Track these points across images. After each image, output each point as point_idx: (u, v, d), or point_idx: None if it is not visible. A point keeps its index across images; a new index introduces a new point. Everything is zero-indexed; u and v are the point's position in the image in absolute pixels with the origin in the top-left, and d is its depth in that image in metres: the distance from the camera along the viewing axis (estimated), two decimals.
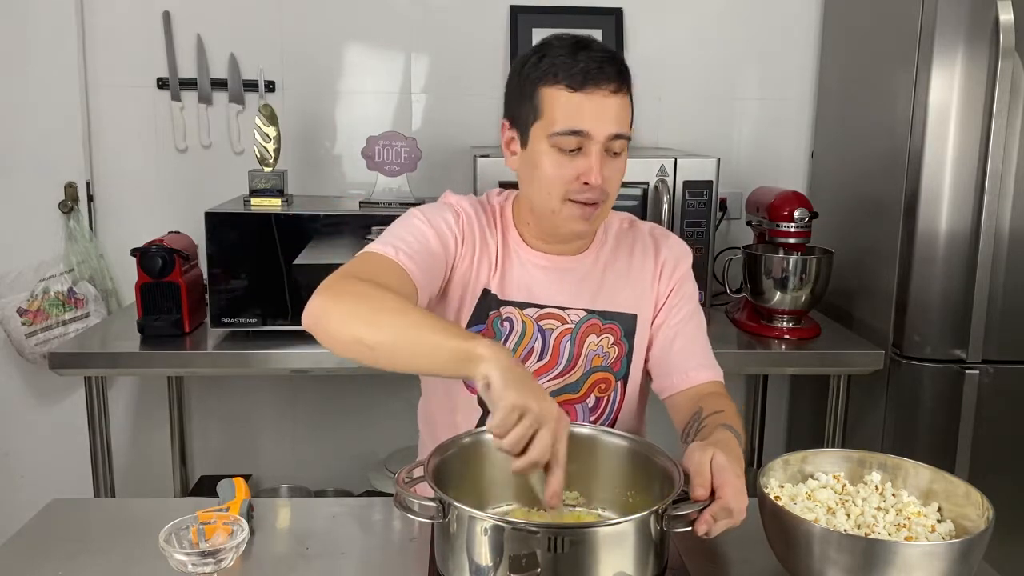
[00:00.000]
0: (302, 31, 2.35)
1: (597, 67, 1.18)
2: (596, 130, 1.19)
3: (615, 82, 1.20)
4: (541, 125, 1.22)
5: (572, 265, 1.34)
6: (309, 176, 2.40)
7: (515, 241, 1.34)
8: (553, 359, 1.32)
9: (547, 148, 1.21)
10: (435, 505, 0.98)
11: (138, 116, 2.35)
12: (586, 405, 1.34)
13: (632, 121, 1.27)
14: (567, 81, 1.19)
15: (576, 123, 1.19)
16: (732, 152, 2.48)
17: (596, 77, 1.18)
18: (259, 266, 1.94)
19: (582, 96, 1.18)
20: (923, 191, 1.93)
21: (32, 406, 2.45)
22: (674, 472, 1.03)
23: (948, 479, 1.07)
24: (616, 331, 1.34)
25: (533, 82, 1.22)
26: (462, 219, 1.31)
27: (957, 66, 1.87)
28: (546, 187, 1.23)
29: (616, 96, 1.20)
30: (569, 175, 1.21)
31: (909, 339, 1.98)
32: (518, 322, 1.31)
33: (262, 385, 2.51)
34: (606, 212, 1.28)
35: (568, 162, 1.21)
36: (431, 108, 2.41)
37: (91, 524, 1.21)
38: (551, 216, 1.25)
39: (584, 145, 1.20)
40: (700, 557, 1.12)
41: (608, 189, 1.23)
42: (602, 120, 1.19)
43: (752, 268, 2.12)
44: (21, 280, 2.29)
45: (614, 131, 1.20)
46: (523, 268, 1.33)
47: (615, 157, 1.23)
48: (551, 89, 1.20)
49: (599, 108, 1.19)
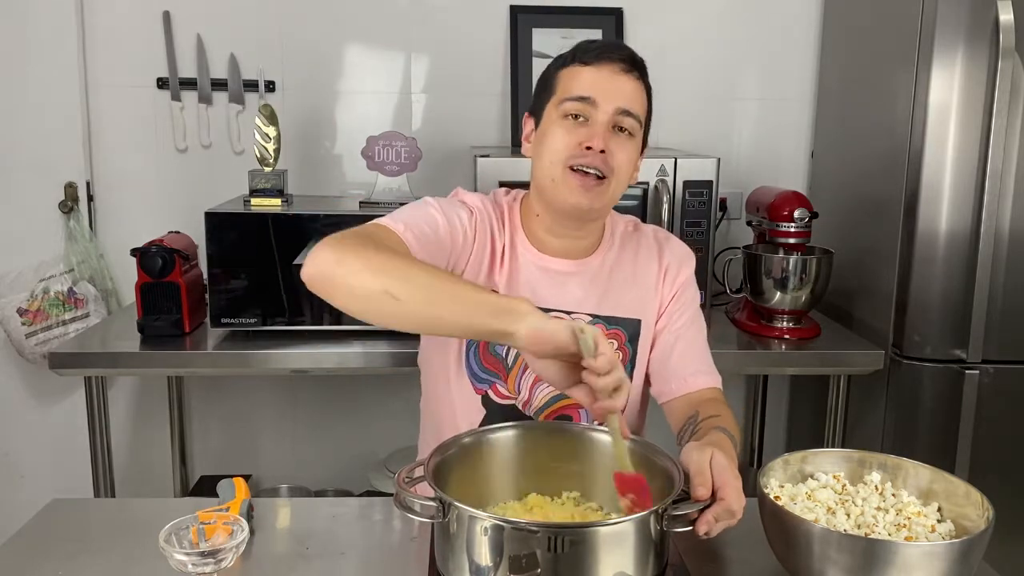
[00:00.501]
0: (302, 31, 2.35)
1: (611, 48, 1.25)
2: (602, 99, 1.23)
3: (627, 63, 1.24)
4: (553, 101, 1.27)
5: (578, 268, 1.34)
6: (309, 176, 2.40)
7: (522, 243, 1.34)
8: None
9: (556, 118, 1.25)
10: (435, 505, 0.98)
11: (138, 116, 2.35)
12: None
13: (649, 113, 1.30)
14: (581, 57, 1.26)
15: (583, 90, 1.23)
16: (732, 152, 2.48)
17: (608, 54, 1.24)
18: (259, 266, 1.94)
19: (592, 69, 1.24)
20: (923, 191, 1.93)
21: (32, 406, 2.45)
22: (674, 472, 1.03)
23: (948, 479, 1.07)
24: (621, 336, 1.34)
25: (554, 71, 1.29)
26: (475, 217, 1.31)
27: (957, 66, 1.87)
28: (550, 154, 1.25)
29: (627, 75, 1.24)
30: (573, 140, 1.23)
31: (909, 339, 1.98)
32: None
33: (262, 385, 2.51)
34: (611, 193, 1.26)
35: (574, 128, 1.24)
36: (431, 108, 2.41)
37: (91, 524, 1.21)
38: (552, 187, 1.25)
39: (591, 115, 1.23)
40: (700, 557, 1.12)
41: (612, 164, 1.23)
42: (610, 92, 1.23)
43: (752, 268, 2.12)
44: (21, 280, 2.29)
45: (622, 104, 1.23)
46: (529, 270, 1.32)
47: (625, 136, 1.25)
48: (568, 69, 1.27)
49: (608, 80, 1.23)
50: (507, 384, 1.33)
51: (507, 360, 1.32)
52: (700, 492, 0.99)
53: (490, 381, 1.33)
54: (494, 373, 1.32)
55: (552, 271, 1.33)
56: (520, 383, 1.32)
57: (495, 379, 1.33)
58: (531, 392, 1.32)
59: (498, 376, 1.32)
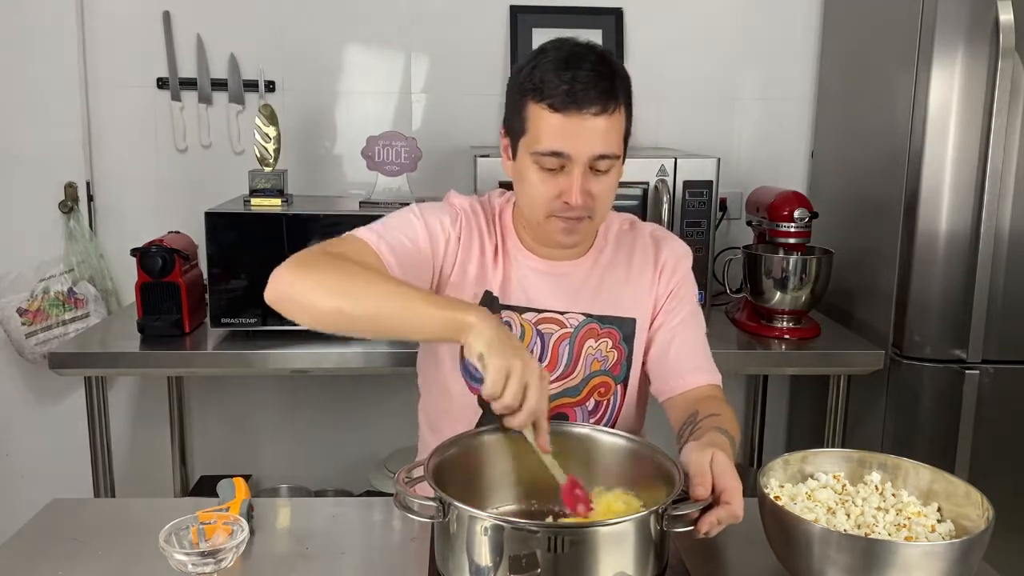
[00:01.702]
0: (302, 31, 2.35)
1: (582, 88, 1.16)
2: (577, 152, 1.18)
3: (599, 104, 1.17)
4: (526, 141, 1.22)
5: (570, 270, 1.34)
6: (309, 176, 2.40)
7: (514, 244, 1.34)
8: (552, 363, 1.32)
9: (531, 164, 1.22)
10: (435, 505, 0.98)
11: (138, 116, 2.35)
12: (585, 408, 1.34)
13: (629, 132, 1.26)
14: (550, 100, 1.17)
15: (557, 144, 1.18)
16: (732, 152, 2.48)
17: (580, 99, 1.16)
18: (259, 266, 1.91)
19: (563, 118, 1.17)
20: (923, 191, 1.92)
21: (32, 406, 2.45)
22: (674, 472, 1.03)
23: (948, 479, 1.07)
24: (615, 335, 1.34)
25: (523, 94, 1.22)
26: (460, 220, 1.32)
27: (957, 66, 1.87)
28: (530, 202, 1.25)
29: (601, 117, 1.18)
30: (551, 192, 1.21)
31: (909, 339, 1.98)
32: (516, 326, 1.31)
33: (262, 385, 2.51)
34: (595, 226, 1.29)
35: (551, 179, 1.21)
36: (431, 108, 2.41)
37: (91, 524, 1.21)
38: (537, 227, 1.28)
39: (566, 165, 1.20)
40: (700, 557, 1.12)
41: (593, 205, 1.23)
42: (584, 142, 1.18)
43: (752, 268, 2.12)
44: (21, 280, 2.29)
45: (597, 152, 1.19)
46: (521, 272, 1.33)
47: (602, 174, 1.22)
48: (536, 106, 1.19)
49: (581, 130, 1.17)
50: None
51: None
52: (699, 492, 0.99)
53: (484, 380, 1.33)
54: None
55: (544, 273, 1.33)
56: None
57: None
58: None
59: None
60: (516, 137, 1.25)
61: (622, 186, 1.29)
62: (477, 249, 1.32)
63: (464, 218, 1.32)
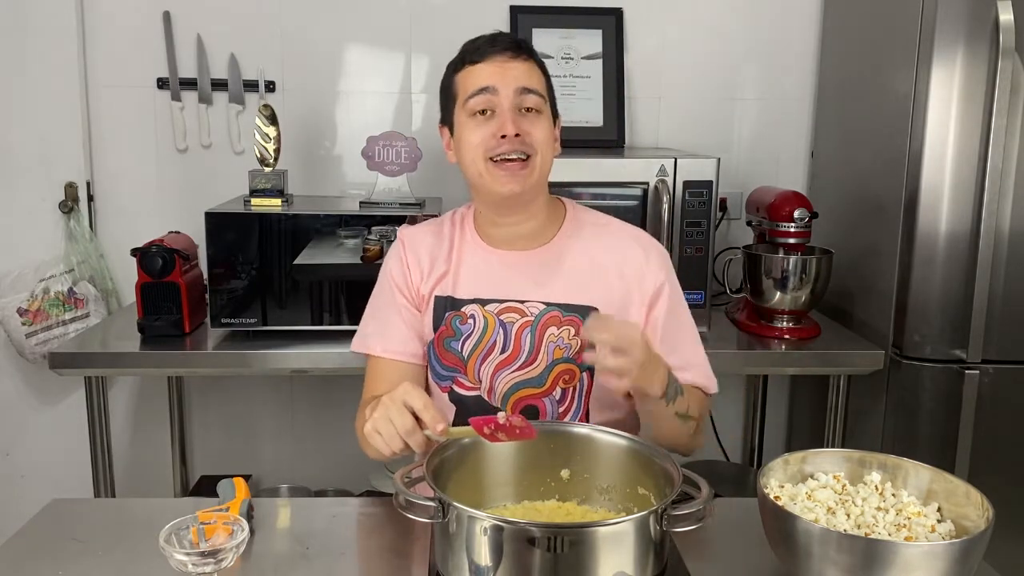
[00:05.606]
0: (302, 31, 2.35)
1: (492, 41, 1.32)
2: (501, 84, 1.29)
3: (511, 50, 1.31)
4: (459, 104, 1.32)
5: (530, 259, 1.37)
6: (309, 176, 2.40)
7: (472, 239, 1.40)
8: (515, 351, 1.34)
9: (466, 119, 1.31)
10: (435, 505, 0.98)
11: (138, 116, 2.35)
12: (553, 398, 1.35)
13: (552, 92, 1.36)
14: (470, 58, 1.32)
15: (482, 81, 1.29)
16: (732, 152, 2.48)
17: (492, 48, 1.31)
18: (259, 266, 1.94)
19: (484, 64, 1.30)
20: (923, 191, 1.93)
21: (32, 406, 2.45)
22: (674, 472, 1.03)
23: (948, 479, 1.07)
24: (577, 323, 1.35)
25: (450, 77, 1.35)
26: (401, 249, 1.41)
27: (957, 66, 1.87)
28: (470, 151, 1.31)
29: (516, 60, 1.30)
30: (487, 133, 1.29)
31: (909, 339, 1.98)
32: (480, 318, 1.35)
33: (262, 385, 2.51)
34: (539, 171, 1.32)
35: (484, 124, 1.30)
36: (431, 108, 2.41)
37: (91, 524, 1.21)
38: (482, 181, 1.32)
39: (495, 104, 1.28)
40: (700, 557, 1.12)
41: (531, 142, 1.29)
42: (506, 76, 1.29)
43: (752, 268, 2.12)
44: (21, 280, 2.29)
45: (520, 83, 1.29)
46: (484, 265, 1.37)
47: (533, 115, 1.30)
48: (461, 72, 1.33)
49: (501, 68, 1.29)
50: (467, 375, 1.36)
51: (463, 352, 1.36)
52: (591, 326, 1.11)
53: (451, 376, 1.37)
54: (453, 368, 1.37)
55: (505, 264, 1.37)
56: (480, 372, 1.35)
57: (455, 373, 1.37)
58: (492, 380, 1.35)
59: (457, 369, 1.37)
60: (450, 113, 1.35)
61: (622, 186, 1.30)
62: (429, 265, 1.39)
63: (403, 245, 1.41)
